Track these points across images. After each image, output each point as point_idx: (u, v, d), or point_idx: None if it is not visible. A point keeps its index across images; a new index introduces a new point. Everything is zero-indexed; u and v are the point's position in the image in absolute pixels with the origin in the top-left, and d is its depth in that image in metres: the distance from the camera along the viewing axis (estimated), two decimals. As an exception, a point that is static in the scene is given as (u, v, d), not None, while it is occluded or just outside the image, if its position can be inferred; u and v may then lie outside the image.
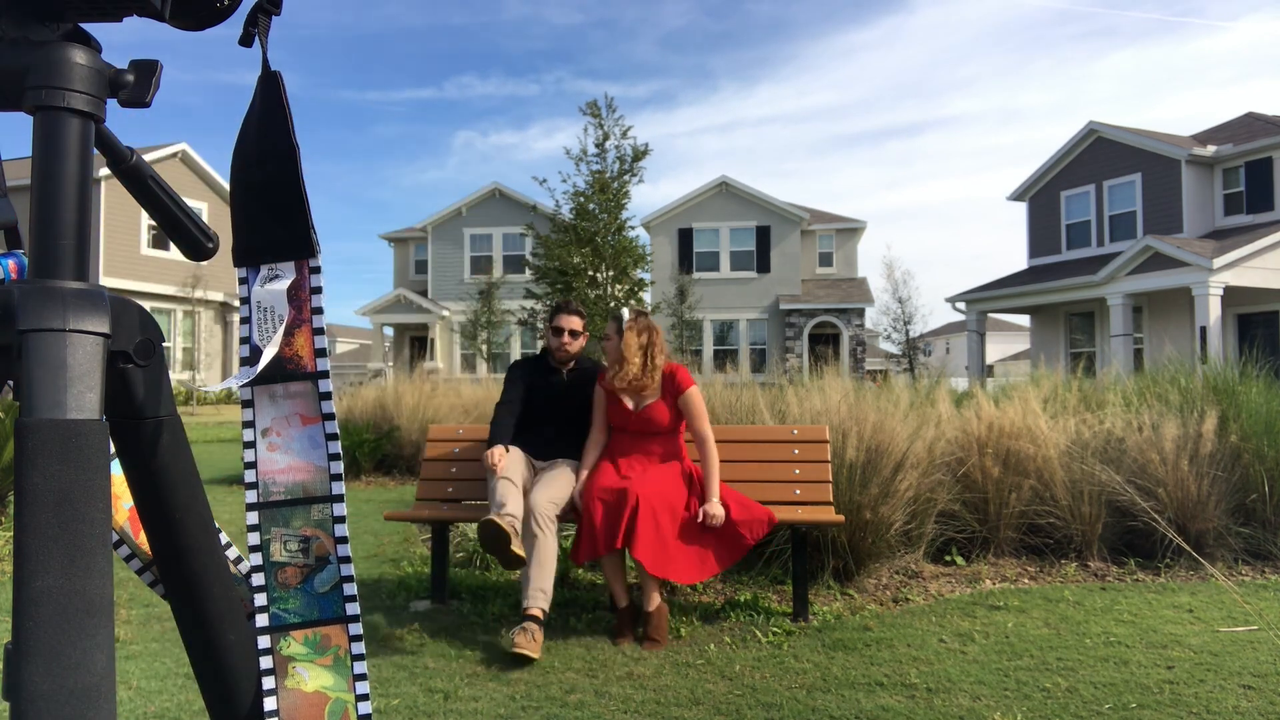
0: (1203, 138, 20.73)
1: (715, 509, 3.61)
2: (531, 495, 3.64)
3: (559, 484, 3.72)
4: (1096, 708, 2.77)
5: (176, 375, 23.75)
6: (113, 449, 0.74)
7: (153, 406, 0.69)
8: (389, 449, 9.08)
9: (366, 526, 6.13)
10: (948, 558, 4.75)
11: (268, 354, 0.63)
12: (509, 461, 3.73)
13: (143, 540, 0.80)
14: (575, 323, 4.08)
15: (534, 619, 3.41)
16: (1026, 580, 4.45)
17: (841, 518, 3.80)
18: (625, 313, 3.92)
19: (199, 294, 24.29)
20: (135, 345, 0.66)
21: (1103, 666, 3.15)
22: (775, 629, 3.62)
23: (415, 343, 29.99)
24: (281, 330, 0.64)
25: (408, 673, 3.12)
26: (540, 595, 3.46)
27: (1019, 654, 3.30)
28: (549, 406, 4.08)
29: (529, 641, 3.29)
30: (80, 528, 0.54)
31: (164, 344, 0.70)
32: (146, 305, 23.03)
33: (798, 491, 3.93)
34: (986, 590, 4.26)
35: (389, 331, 30.15)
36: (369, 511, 6.69)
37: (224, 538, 0.81)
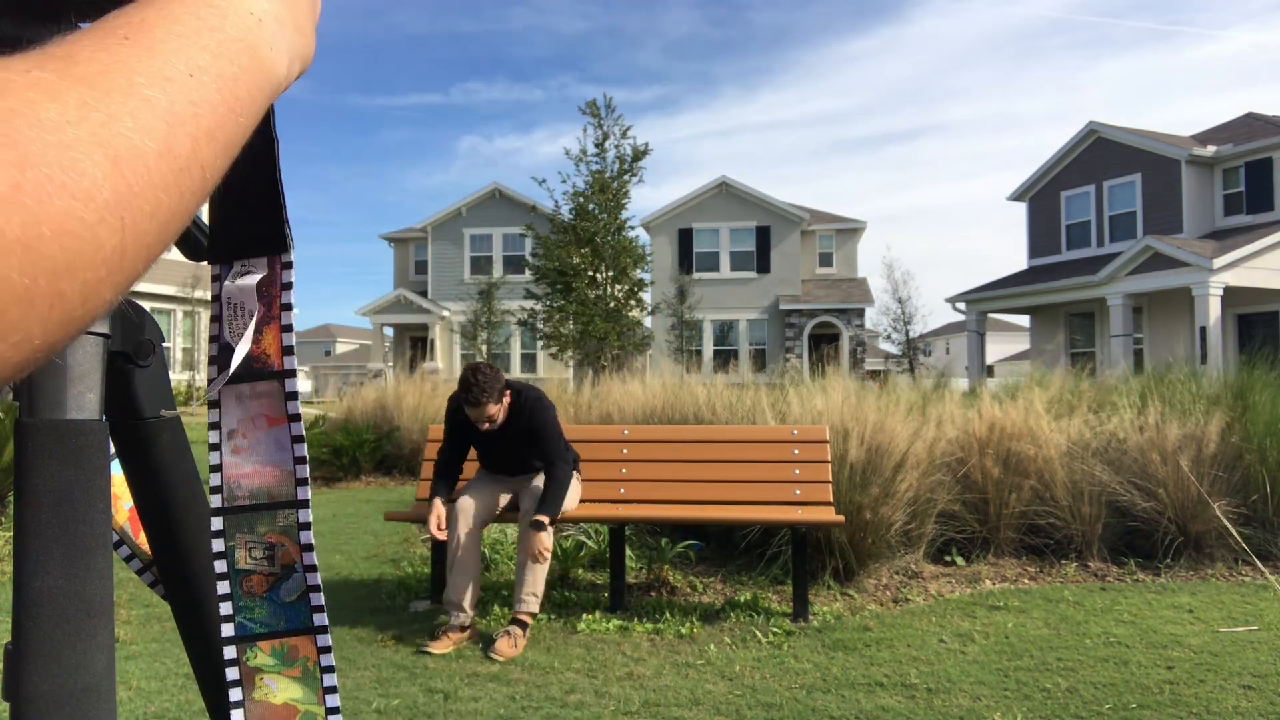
0: (1203, 138, 20.72)
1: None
2: (524, 505, 3.71)
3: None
4: (1096, 708, 2.76)
5: (176, 375, 23.74)
6: (113, 449, 0.74)
7: (153, 407, 0.68)
8: (389, 449, 9.09)
9: (366, 527, 6.12)
10: (948, 558, 4.75)
11: (240, 352, 0.62)
12: (462, 538, 3.55)
13: (143, 540, 0.80)
14: (489, 411, 3.63)
15: (520, 623, 3.44)
16: (1026, 580, 4.45)
17: (841, 518, 3.80)
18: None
19: (199, 294, 24.26)
20: (135, 345, 0.66)
21: (1103, 666, 3.15)
22: (775, 629, 3.62)
23: (415, 343, 29.98)
24: (252, 327, 0.63)
25: (408, 673, 3.11)
26: (530, 599, 3.48)
27: (1019, 654, 3.30)
28: (495, 440, 3.81)
29: (509, 647, 3.32)
30: (80, 528, 0.53)
31: (164, 344, 0.70)
32: (146, 305, 22.95)
33: (798, 491, 3.93)
34: (986, 590, 4.26)
35: (389, 332, 30.15)
36: (369, 512, 6.68)
37: (224, 538, 0.80)
